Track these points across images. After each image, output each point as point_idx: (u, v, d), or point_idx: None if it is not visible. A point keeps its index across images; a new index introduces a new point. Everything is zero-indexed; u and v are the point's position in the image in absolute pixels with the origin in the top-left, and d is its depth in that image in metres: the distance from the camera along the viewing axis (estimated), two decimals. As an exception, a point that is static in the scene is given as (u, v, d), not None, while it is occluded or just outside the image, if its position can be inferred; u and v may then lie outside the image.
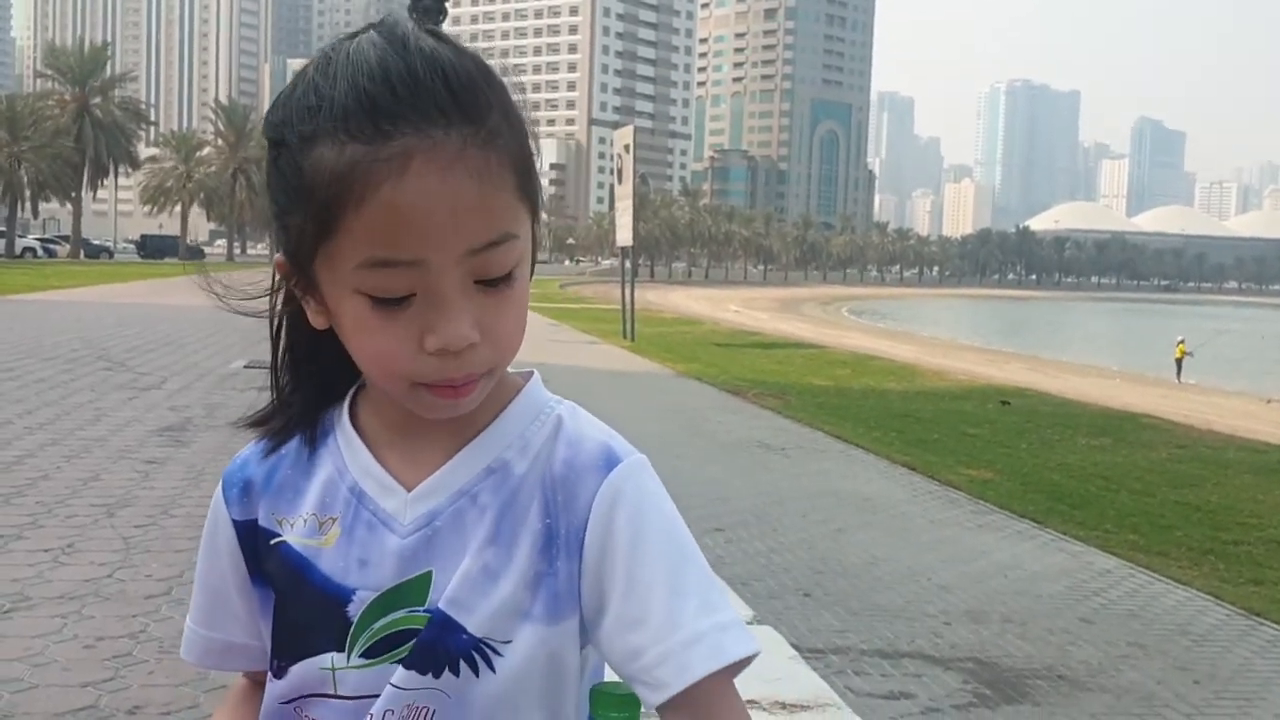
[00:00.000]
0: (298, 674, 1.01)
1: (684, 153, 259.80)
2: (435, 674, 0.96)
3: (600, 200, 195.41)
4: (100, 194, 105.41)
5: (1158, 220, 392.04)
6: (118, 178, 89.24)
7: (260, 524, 1.04)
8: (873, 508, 7.96)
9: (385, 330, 0.91)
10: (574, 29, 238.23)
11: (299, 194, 0.90)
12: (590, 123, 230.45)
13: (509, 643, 0.96)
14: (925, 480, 9.06)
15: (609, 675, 1.02)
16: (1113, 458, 10.63)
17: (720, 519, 7.16)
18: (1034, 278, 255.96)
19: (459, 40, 0.93)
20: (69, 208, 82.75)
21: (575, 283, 78.58)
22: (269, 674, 1.04)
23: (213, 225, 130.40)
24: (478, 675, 0.96)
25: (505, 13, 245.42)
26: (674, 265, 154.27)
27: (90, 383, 12.11)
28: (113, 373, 13.11)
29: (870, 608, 5.53)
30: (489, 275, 0.92)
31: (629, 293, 24.38)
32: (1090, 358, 39.62)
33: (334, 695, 0.99)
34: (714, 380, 16.05)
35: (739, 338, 29.20)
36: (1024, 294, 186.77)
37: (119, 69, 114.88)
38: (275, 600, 1.03)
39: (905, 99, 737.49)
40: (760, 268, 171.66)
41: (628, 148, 23.31)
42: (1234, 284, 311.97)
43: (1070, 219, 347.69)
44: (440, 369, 0.92)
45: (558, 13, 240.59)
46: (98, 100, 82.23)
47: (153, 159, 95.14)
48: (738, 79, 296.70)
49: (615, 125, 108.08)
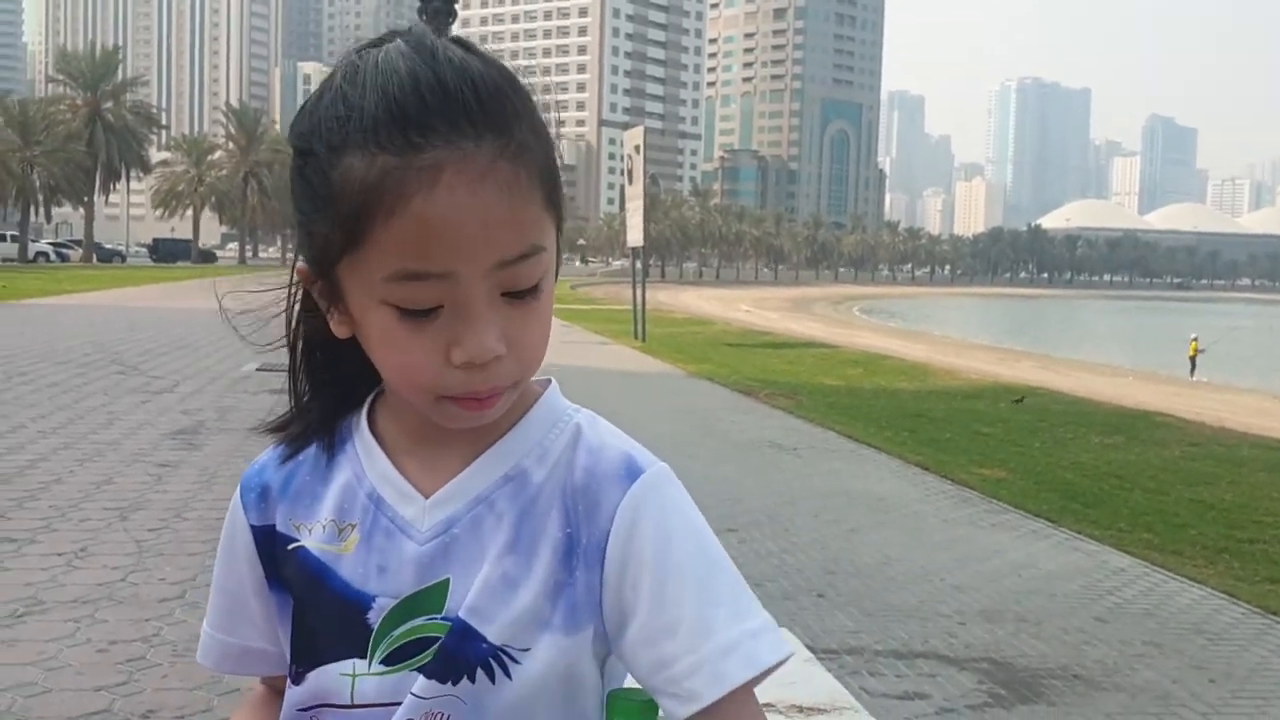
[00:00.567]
0: (316, 680, 1.00)
1: (694, 153, 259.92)
2: (454, 681, 0.96)
3: (611, 201, 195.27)
4: (112, 198, 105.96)
5: (1170, 218, 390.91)
6: (129, 182, 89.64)
7: (278, 529, 1.04)
8: (885, 507, 7.94)
9: (412, 342, 0.91)
10: (583, 30, 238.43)
11: (326, 203, 0.90)
12: (600, 124, 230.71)
13: (528, 650, 0.95)
14: (938, 480, 9.03)
15: (628, 682, 1.01)
16: (1126, 456, 10.58)
17: (733, 519, 7.14)
18: (1046, 276, 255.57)
19: (486, 50, 0.93)
20: (81, 212, 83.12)
21: (586, 284, 78.65)
22: (288, 680, 1.04)
23: (224, 228, 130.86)
24: (494, 683, 0.95)
25: (515, 14, 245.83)
26: (685, 266, 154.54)
27: (103, 386, 12.15)
28: (125, 376, 13.16)
29: (884, 608, 5.52)
30: (517, 287, 0.91)
31: (640, 293, 24.35)
32: (1102, 356, 39.49)
33: (350, 705, 0.99)
34: (725, 380, 16.03)
35: (750, 338, 29.15)
36: (1036, 293, 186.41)
37: (130, 73, 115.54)
38: (294, 606, 1.03)
39: (915, 98, 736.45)
40: (771, 268, 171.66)
41: (638, 148, 23.30)
42: (1247, 281, 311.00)
43: (1082, 217, 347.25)
44: (466, 382, 0.92)
45: (567, 14, 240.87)
46: (109, 104, 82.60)
47: (164, 163, 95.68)
48: (747, 79, 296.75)
49: (625, 126, 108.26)
